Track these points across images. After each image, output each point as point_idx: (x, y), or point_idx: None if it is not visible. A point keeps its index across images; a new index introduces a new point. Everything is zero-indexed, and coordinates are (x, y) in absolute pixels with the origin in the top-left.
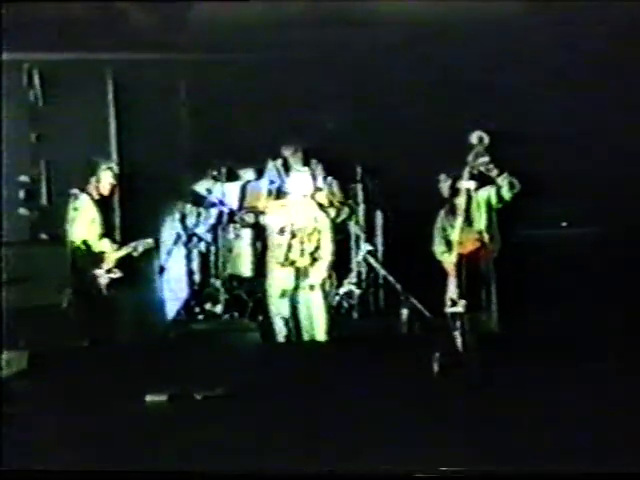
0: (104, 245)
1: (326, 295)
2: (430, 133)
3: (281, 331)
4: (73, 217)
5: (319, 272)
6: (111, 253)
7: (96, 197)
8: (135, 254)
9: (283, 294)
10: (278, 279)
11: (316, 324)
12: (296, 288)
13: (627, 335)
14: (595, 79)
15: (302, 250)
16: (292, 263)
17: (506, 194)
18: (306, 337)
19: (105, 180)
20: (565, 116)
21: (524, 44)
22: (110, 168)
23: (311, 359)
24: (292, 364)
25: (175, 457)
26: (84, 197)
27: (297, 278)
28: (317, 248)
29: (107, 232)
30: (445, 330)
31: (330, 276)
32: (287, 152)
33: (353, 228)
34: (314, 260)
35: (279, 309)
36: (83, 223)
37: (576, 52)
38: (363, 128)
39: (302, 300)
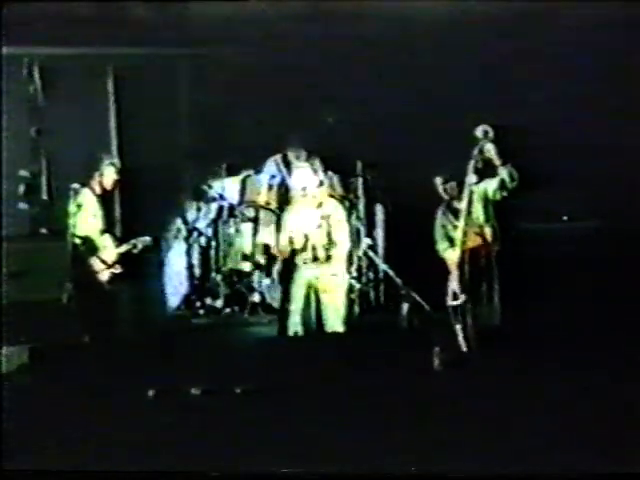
0: (105, 240)
1: (350, 287)
2: (430, 127)
3: (295, 325)
4: (76, 212)
5: (338, 263)
6: (112, 249)
7: (99, 192)
8: (135, 251)
9: (299, 288)
10: (289, 273)
11: (334, 316)
12: (311, 282)
13: (629, 329)
14: (596, 72)
15: (314, 246)
16: (306, 258)
17: (507, 185)
18: (320, 330)
19: (108, 175)
20: (566, 110)
21: (523, 39)
22: (113, 164)
23: (311, 354)
24: (292, 359)
25: (176, 456)
26: (87, 192)
27: (313, 272)
28: (330, 240)
29: (108, 227)
30: (446, 324)
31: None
32: (291, 154)
33: (353, 222)
34: (328, 252)
35: (294, 303)
36: (86, 218)
37: (578, 46)
38: (363, 123)
39: (314, 294)
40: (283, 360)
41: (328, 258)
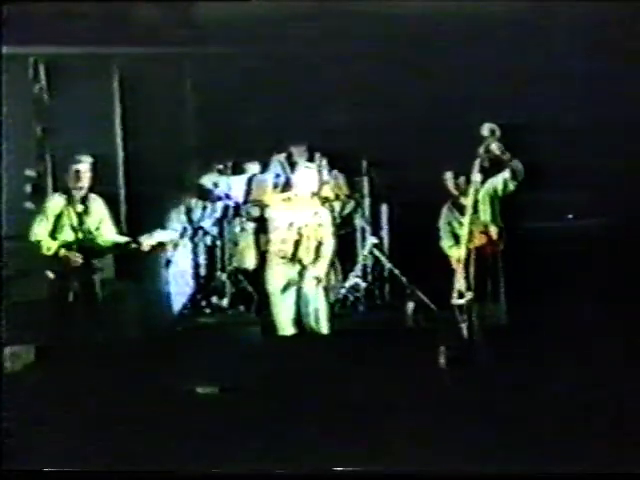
0: (108, 234)
1: (327, 289)
2: (436, 126)
3: (282, 325)
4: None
5: (321, 267)
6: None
7: (79, 192)
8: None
9: (285, 288)
10: (280, 273)
11: (318, 318)
12: (298, 282)
13: (634, 327)
14: (599, 70)
15: (307, 247)
16: (298, 260)
17: (517, 177)
18: (308, 331)
19: (84, 173)
20: (572, 108)
21: (529, 37)
22: (85, 161)
23: (316, 353)
24: (297, 358)
25: (177, 456)
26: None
27: (300, 273)
28: (320, 244)
29: (115, 225)
30: (451, 323)
31: (332, 270)
32: (295, 151)
33: (359, 221)
34: (317, 255)
35: (281, 303)
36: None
37: (580, 44)
38: (368, 121)
39: (304, 294)
40: (287, 359)
41: (315, 261)
